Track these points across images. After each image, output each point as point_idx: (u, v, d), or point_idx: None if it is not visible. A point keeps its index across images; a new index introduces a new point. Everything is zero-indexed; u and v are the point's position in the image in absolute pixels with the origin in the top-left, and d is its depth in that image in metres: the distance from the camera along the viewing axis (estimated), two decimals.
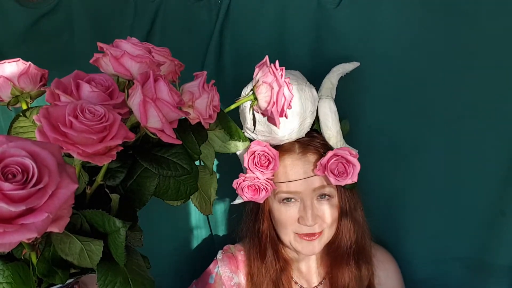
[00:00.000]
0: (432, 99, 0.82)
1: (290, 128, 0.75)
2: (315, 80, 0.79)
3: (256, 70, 0.59)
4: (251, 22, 0.85)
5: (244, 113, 0.78)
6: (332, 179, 0.74)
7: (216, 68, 0.88)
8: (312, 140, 0.79)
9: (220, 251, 0.92)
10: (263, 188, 0.77)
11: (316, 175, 0.76)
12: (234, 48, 0.87)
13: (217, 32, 0.85)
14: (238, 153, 0.82)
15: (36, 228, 0.31)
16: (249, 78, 0.60)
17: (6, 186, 0.31)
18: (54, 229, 0.34)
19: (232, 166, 0.96)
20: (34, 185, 0.32)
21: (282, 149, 0.79)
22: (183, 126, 0.51)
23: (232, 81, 0.88)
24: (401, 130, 0.86)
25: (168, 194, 0.50)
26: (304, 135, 0.78)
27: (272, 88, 0.56)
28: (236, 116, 0.91)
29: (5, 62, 0.51)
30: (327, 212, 0.79)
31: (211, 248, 1.02)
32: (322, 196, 0.78)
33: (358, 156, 0.75)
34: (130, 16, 0.83)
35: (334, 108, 0.77)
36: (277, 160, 0.76)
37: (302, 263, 0.89)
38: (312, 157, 0.77)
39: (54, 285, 0.44)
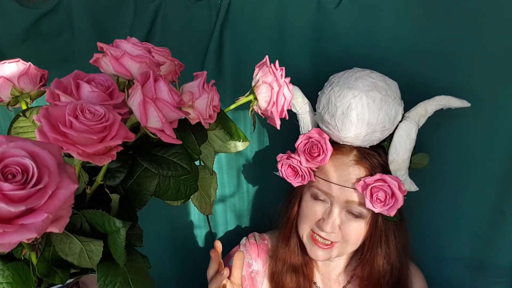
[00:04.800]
0: None
1: (355, 132, 0.71)
2: (315, 81, 0.79)
3: (256, 70, 0.59)
4: (251, 22, 0.85)
5: (321, 97, 0.76)
6: (367, 202, 0.71)
7: (216, 68, 0.88)
8: (373, 156, 0.75)
9: (244, 238, 0.92)
10: (301, 174, 0.75)
11: (355, 189, 0.73)
12: (234, 48, 0.87)
13: (217, 32, 0.85)
14: (303, 115, 0.81)
15: (35, 229, 0.31)
16: (249, 78, 0.60)
17: (6, 186, 0.31)
18: (54, 229, 0.34)
19: (232, 166, 0.96)
20: (34, 185, 0.32)
21: (338, 148, 0.76)
22: (183, 126, 0.51)
23: (232, 81, 0.88)
24: None
25: (168, 194, 0.50)
26: (367, 147, 0.75)
27: (272, 88, 0.56)
28: (236, 116, 0.91)
29: (5, 62, 0.51)
30: (350, 229, 0.75)
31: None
32: (353, 212, 0.75)
33: (406, 193, 0.71)
34: (130, 16, 0.83)
35: (413, 136, 0.73)
36: (327, 156, 0.74)
37: (322, 264, 0.88)
38: (361, 171, 0.74)
39: (54, 285, 0.44)
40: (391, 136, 0.75)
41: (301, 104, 0.80)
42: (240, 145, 0.60)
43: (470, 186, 0.85)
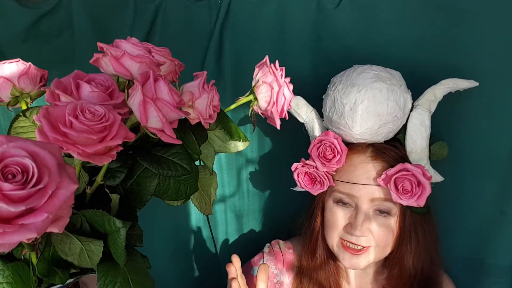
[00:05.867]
0: None
1: (366, 127, 0.69)
2: (315, 81, 0.79)
3: (256, 70, 0.59)
4: (251, 22, 0.85)
5: (326, 100, 0.76)
6: (394, 195, 0.67)
7: (216, 68, 0.88)
8: (390, 149, 0.72)
9: (267, 245, 0.89)
10: (319, 181, 0.73)
11: (378, 185, 0.69)
12: (234, 48, 0.87)
13: (217, 32, 0.85)
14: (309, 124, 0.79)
15: (35, 229, 0.31)
16: (249, 78, 0.60)
17: (6, 186, 0.31)
18: (54, 229, 0.34)
19: (232, 166, 0.96)
20: (34, 185, 0.32)
21: (353, 148, 0.74)
22: (183, 126, 0.51)
23: (232, 81, 0.88)
24: None
25: (168, 194, 0.50)
26: (382, 141, 0.73)
27: (272, 88, 0.56)
28: (235, 116, 0.91)
29: (5, 62, 0.51)
30: (380, 230, 0.72)
31: (211, 248, 1.02)
32: (381, 211, 0.72)
33: (431, 179, 0.68)
34: (130, 16, 0.83)
35: (427, 122, 0.71)
36: (343, 157, 0.71)
37: (352, 273, 0.84)
38: (381, 165, 0.71)
39: (54, 285, 0.44)
40: (404, 128, 0.73)
41: (306, 113, 0.79)
42: (240, 145, 0.60)
43: (470, 186, 0.85)
